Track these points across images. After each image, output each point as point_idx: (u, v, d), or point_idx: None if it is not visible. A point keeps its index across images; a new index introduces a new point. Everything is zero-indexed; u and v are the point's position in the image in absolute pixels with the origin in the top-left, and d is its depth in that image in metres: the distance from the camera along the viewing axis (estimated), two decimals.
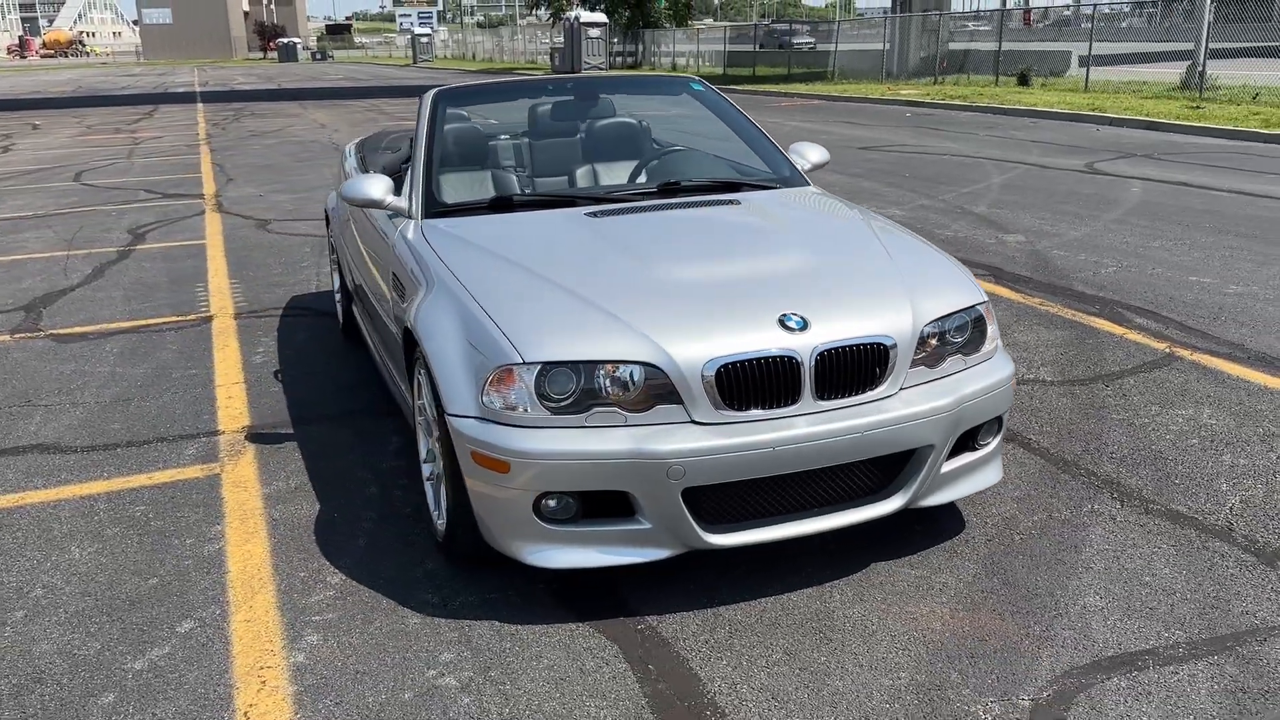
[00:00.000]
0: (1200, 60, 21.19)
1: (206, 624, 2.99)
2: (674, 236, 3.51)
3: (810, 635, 2.83)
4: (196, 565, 3.33)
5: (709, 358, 2.80)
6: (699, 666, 2.71)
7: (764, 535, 2.90)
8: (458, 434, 2.90)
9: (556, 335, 2.87)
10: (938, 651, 2.74)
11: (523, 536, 2.89)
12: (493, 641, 2.86)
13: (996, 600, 2.97)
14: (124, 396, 4.95)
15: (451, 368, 2.95)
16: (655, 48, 45.21)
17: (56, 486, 3.96)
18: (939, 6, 31.36)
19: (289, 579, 3.23)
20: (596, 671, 2.71)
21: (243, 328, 6.07)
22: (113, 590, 3.19)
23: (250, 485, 3.91)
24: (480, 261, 3.34)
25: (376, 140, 5.83)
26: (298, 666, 2.77)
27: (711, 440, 2.76)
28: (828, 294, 3.06)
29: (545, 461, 2.76)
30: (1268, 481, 3.67)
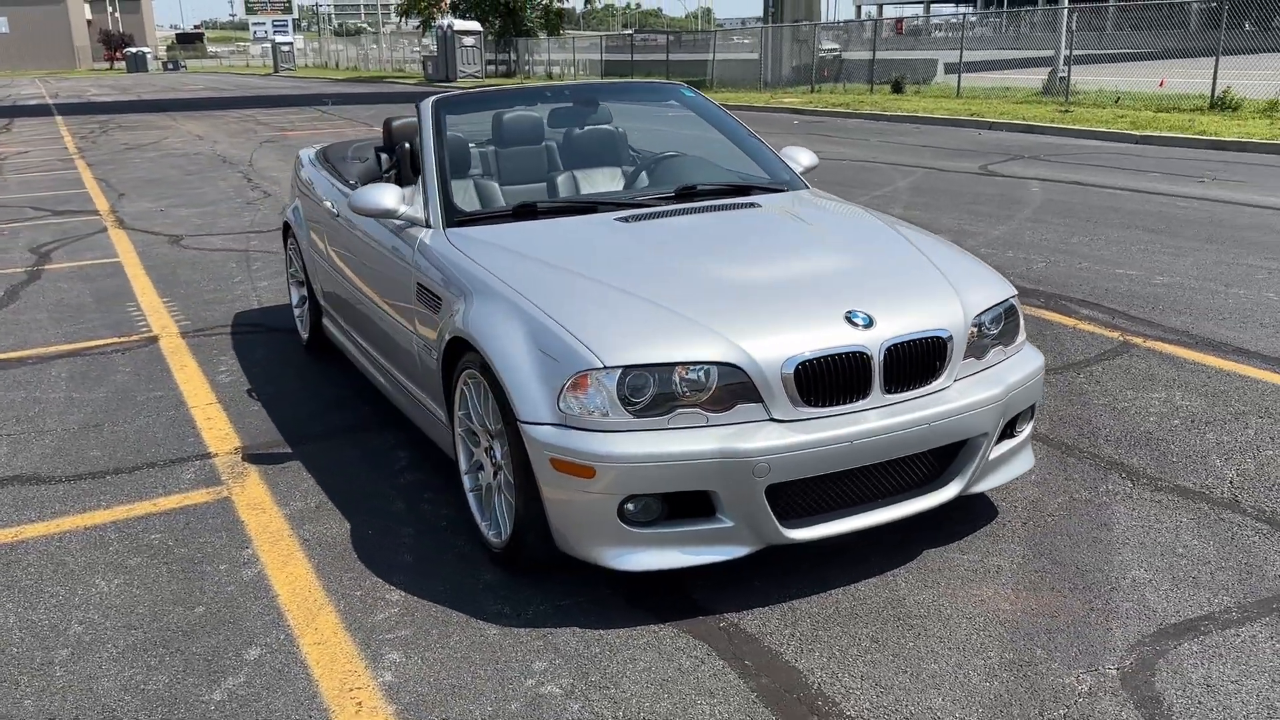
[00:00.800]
0: (1060, 66, 22.39)
1: (275, 649, 2.90)
2: (714, 239, 3.57)
3: (890, 623, 2.92)
4: (241, 591, 3.22)
5: (788, 356, 2.87)
6: (794, 659, 2.77)
7: (838, 528, 2.98)
8: (534, 441, 2.89)
9: (633, 339, 2.89)
10: (1015, 630, 2.86)
11: (605, 541, 2.90)
12: (580, 648, 2.85)
13: (1052, 579, 3.12)
14: (92, 422, 4.72)
15: (522, 375, 2.94)
16: (529, 56, 45.12)
17: (54, 518, 3.76)
18: (809, 16, 32.27)
19: (345, 599, 3.15)
20: (695, 671, 2.73)
21: (194, 347, 5.85)
22: (159, 621, 3.06)
23: (267, 507, 3.79)
24: (527, 268, 3.33)
25: (340, 150, 5.70)
26: (389, 685, 2.72)
27: (793, 437, 2.83)
28: (884, 291, 3.17)
29: (632, 465, 2.78)
30: (1255, 455, 3.94)
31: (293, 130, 20.88)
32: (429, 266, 3.61)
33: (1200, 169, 11.71)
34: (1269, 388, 4.64)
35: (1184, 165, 12.12)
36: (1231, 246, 7.55)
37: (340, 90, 37.50)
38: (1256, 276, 6.63)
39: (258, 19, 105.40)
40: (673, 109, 4.79)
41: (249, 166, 14.67)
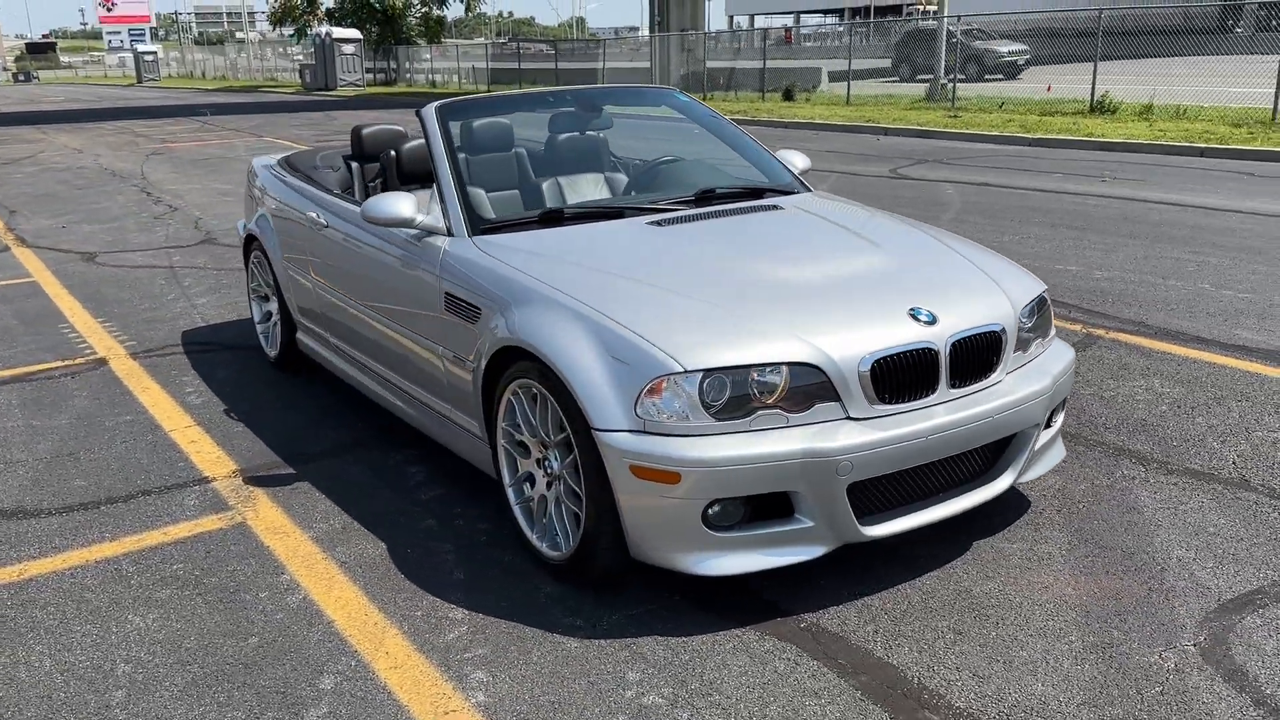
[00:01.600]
0: (940, 74, 23.22)
1: (350, 676, 2.79)
2: (751, 241, 3.58)
3: (965, 614, 2.98)
4: (291, 618, 3.08)
5: (864, 354, 2.90)
6: (885, 655, 2.80)
7: (910, 523, 3.02)
8: (611, 449, 2.84)
9: (708, 342, 2.88)
10: (1086, 614, 2.95)
11: (687, 546, 2.88)
12: (668, 655, 2.83)
13: (1103, 563, 3.22)
14: (65, 451, 4.45)
15: (593, 382, 2.89)
16: (409, 64, 44.48)
17: (56, 553, 3.54)
18: (694, 26, 32.68)
19: (407, 620, 3.05)
20: (793, 673, 2.73)
21: (151, 368, 5.58)
22: (213, 655, 2.91)
23: (289, 530, 3.64)
24: (576, 273, 3.28)
25: (307, 159, 5.51)
26: (486, 706, 2.64)
27: (872, 435, 2.86)
28: (937, 288, 3.23)
29: (719, 468, 2.77)
30: (1246, 437, 4.15)
31: (176, 142, 20.10)
32: (460, 275, 3.52)
33: (1096, 169, 12.27)
34: (1236, 373, 4.89)
35: (1081, 166, 12.68)
36: (1154, 241, 7.93)
37: (215, 100, 36.25)
38: (1186, 269, 6.99)
39: (113, 28, 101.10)
40: (663, 113, 4.79)
41: (143, 180, 14.05)
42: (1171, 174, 11.68)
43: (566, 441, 3.10)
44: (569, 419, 2.98)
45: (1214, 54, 20.63)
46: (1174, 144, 13.63)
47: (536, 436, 3.24)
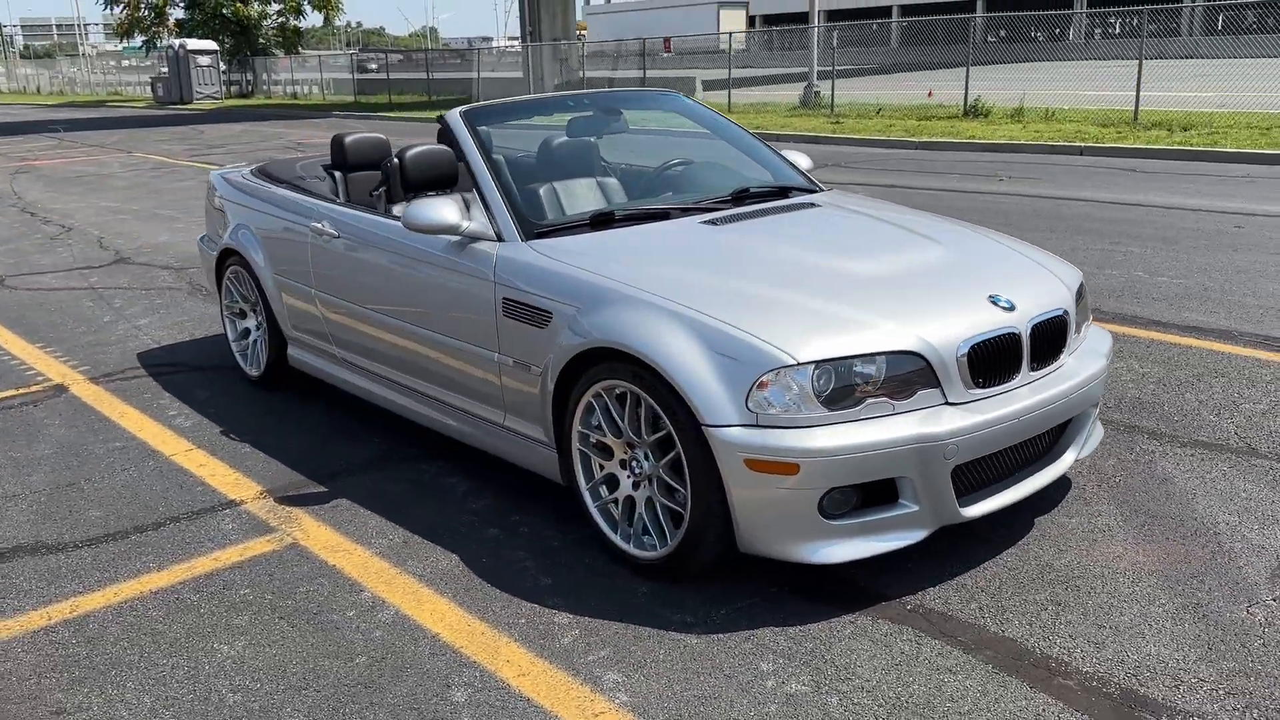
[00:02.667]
0: (814, 81, 23.93)
1: (480, 687, 2.74)
2: (811, 236, 3.66)
3: (1056, 586, 3.12)
4: (391, 635, 3.00)
5: (961, 340, 3.01)
6: (999, 629, 2.91)
7: (999, 503, 3.15)
8: (724, 444, 2.88)
9: (813, 334, 2.94)
10: (1166, 579, 3.13)
11: (802, 536, 2.93)
12: (790, 645, 2.87)
13: (1159, 531, 3.42)
14: (62, 481, 4.21)
15: (701, 379, 2.92)
16: (268, 76, 43.19)
17: (103, 586, 3.35)
18: (566, 36, 32.77)
19: (514, 628, 3.01)
20: (919, 652, 2.82)
21: (119, 392, 5.31)
22: (325, 677, 2.82)
23: (349, 548, 3.54)
24: (654, 273, 3.29)
25: (286, 168, 5.34)
26: (633, 705, 2.64)
27: (973, 418, 2.97)
28: (1004, 276, 3.38)
29: (836, 457, 2.83)
30: (1236, 409, 4.45)
31: (39, 159, 19.02)
32: (522, 280, 3.49)
33: (988, 169, 12.86)
34: (1203, 352, 5.23)
35: (973, 166, 13.27)
36: (1074, 234, 8.38)
37: (63, 116, 34.38)
38: (1115, 259, 7.41)
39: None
40: (668, 115, 4.83)
41: (18, 199, 13.27)
42: (1061, 171, 12.33)
43: (660, 441, 3.11)
44: (671, 417, 3.00)
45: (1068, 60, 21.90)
46: (1056, 144, 14.39)
47: (622, 438, 3.25)
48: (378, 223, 4.20)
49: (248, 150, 19.17)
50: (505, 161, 3.97)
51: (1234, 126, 14.69)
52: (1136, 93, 16.17)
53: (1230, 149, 12.81)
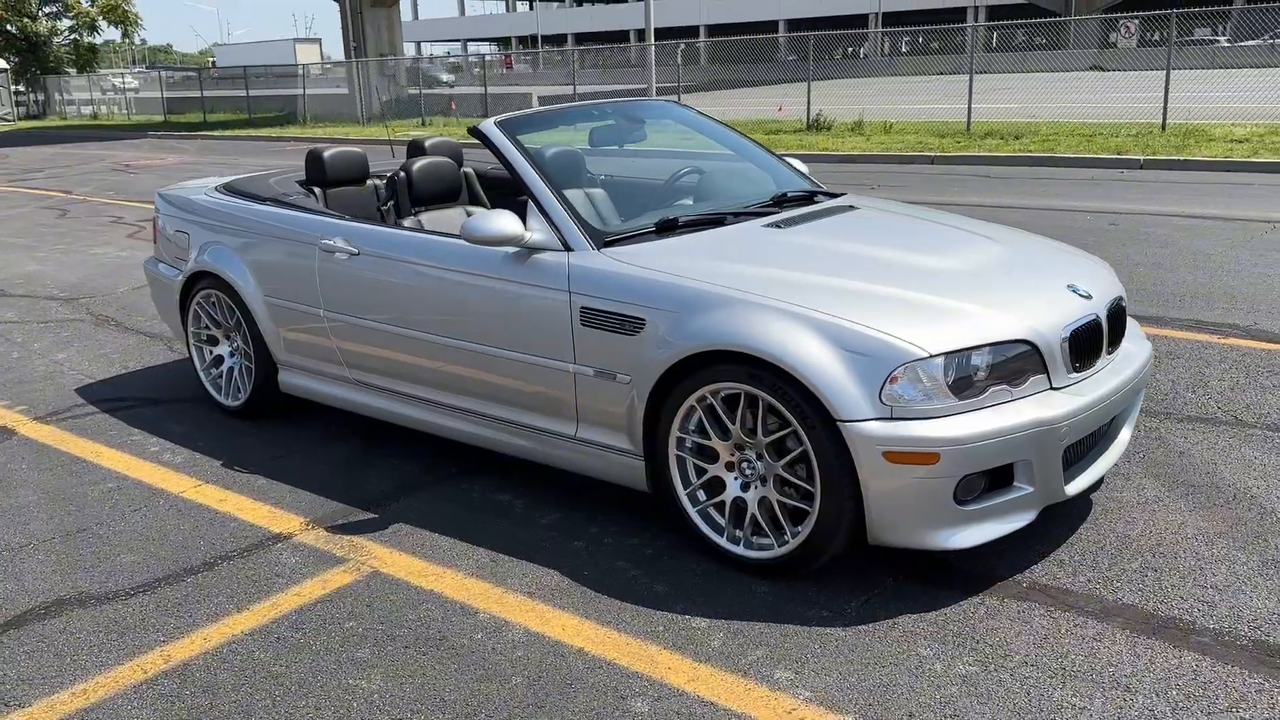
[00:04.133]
0: (652, 95, 24.39)
1: (658, 697, 2.72)
2: (875, 235, 3.80)
3: (1144, 554, 3.34)
4: (533, 653, 2.94)
5: (1062, 326, 3.20)
6: (1115, 598, 3.09)
7: (1089, 479, 3.33)
8: (861, 438, 2.95)
9: (935, 327, 3.06)
10: (1232, 540, 3.40)
11: (937, 524, 3.04)
12: (936, 629, 2.97)
13: (1203, 499, 3.70)
14: (68, 528, 3.89)
15: (833, 376, 2.99)
16: (61, 95, 40.49)
17: (186, 633, 3.13)
18: (394, 51, 32.16)
19: (661, 636, 2.99)
20: (1058, 625, 2.96)
21: (81, 431, 4.93)
22: (491, 702, 2.73)
23: (437, 572, 3.43)
24: (750, 274, 3.32)
25: (260, 184, 5.07)
26: (821, 700, 2.68)
27: (1077, 400, 3.16)
28: (1069, 267, 3.59)
29: (972, 445, 2.96)
30: (1207, 386, 4.85)
31: None
32: (604, 288, 3.46)
33: (858, 179, 13.43)
34: (1188, 344, 5.61)
35: (842, 177, 13.82)
36: None
37: None
38: None
39: None
40: (666, 125, 4.87)
41: None
42: (921, 180, 13.01)
43: (776, 443, 3.16)
44: (798, 415, 3.05)
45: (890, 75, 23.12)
46: (907, 154, 15.17)
47: (729, 440, 3.28)
48: (413, 238, 4.07)
49: (78, 173, 17.94)
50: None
51: (1060, 134, 15.86)
52: (969, 105, 17.22)
53: (1067, 154, 13.84)
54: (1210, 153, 12.98)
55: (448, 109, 27.47)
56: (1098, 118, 17.23)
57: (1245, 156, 12.53)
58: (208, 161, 19.56)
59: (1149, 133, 15.26)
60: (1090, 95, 21.75)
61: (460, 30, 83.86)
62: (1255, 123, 15.52)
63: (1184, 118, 15.81)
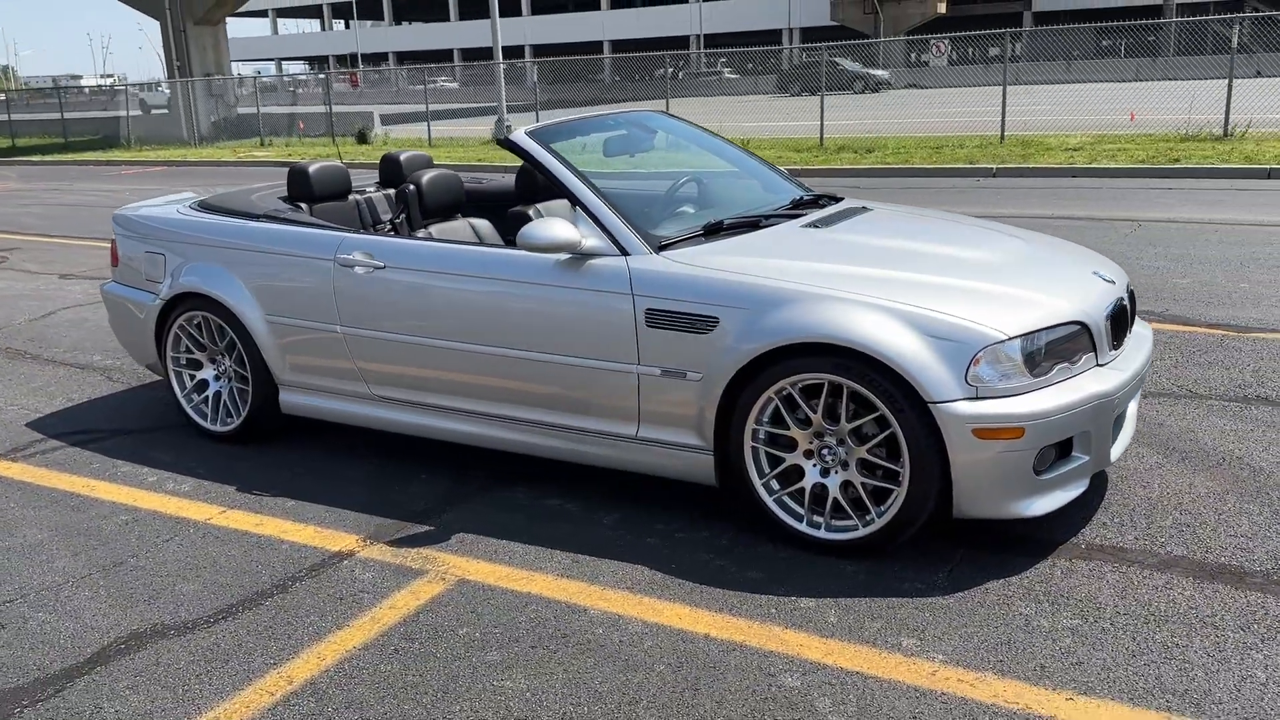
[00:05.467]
0: (504, 115, 24.42)
1: (804, 671, 2.86)
2: (916, 233, 4.05)
3: (1172, 511, 3.69)
4: (672, 642, 3.02)
5: (1103, 308, 3.52)
6: (1167, 550, 3.42)
7: (1123, 445, 3.66)
8: (952, 417, 3.18)
9: (1006, 311, 3.32)
10: (1242, 495, 3.79)
11: (1018, 494, 3.29)
12: (1026, 591, 3.22)
13: (1199, 462, 4.10)
14: (106, 561, 3.72)
15: (922, 362, 3.21)
16: None
17: (292, 656, 3.07)
18: (220, 71, 30.96)
19: (775, 618, 3.13)
20: (1131, 579, 3.25)
21: (57, 465, 4.67)
22: (648, 690, 2.81)
23: (523, 576, 3.46)
24: (815, 270, 3.51)
25: (240, 199, 4.92)
26: (956, 660, 2.87)
27: (1120, 375, 3.48)
28: (1086, 257, 3.93)
29: (1051, 419, 3.23)
30: (1174, 374, 5.34)
31: None
32: (672, 289, 3.56)
33: None
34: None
35: None
36: None
37: None
38: None
39: None
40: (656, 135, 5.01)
41: None
42: None
43: (858, 429, 3.36)
44: (888, 400, 3.25)
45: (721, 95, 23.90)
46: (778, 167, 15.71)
47: (809, 429, 3.45)
48: (449, 249, 4.08)
49: None
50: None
51: (908, 147, 16.80)
52: (821, 121, 18.03)
53: (924, 165, 14.69)
54: (1055, 160, 14.05)
55: (295, 128, 26.65)
56: (938, 131, 18.33)
57: (1086, 163, 13.62)
58: (42, 188, 18.40)
59: (991, 144, 16.35)
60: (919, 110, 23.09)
61: (274, 49, 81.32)
62: (1084, 133, 16.86)
63: (1019, 130, 17.02)
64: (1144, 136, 16.08)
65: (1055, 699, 2.69)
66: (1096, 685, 2.73)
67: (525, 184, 4.93)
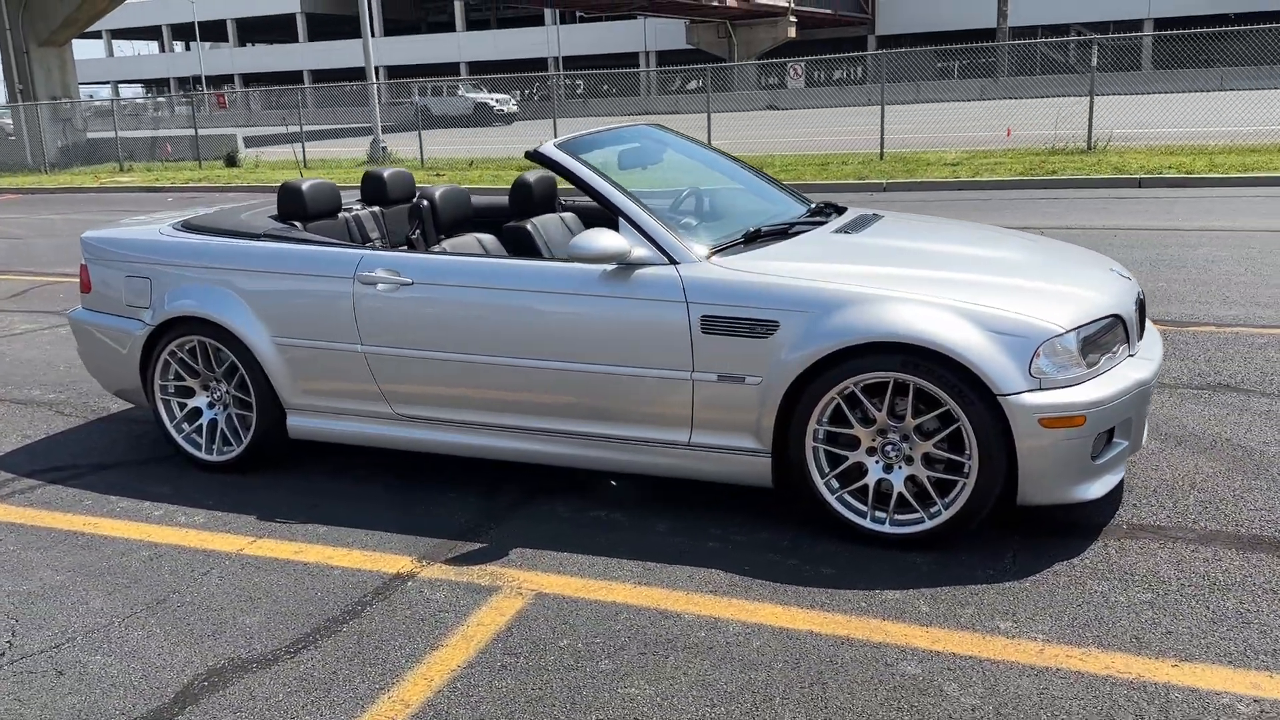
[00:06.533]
0: (379, 136, 24.06)
1: (920, 658, 2.95)
2: (938, 235, 4.23)
3: (1188, 490, 3.94)
4: (771, 642, 3.07)
5: (1130, 302, 3.75)
6: (1201, 526, 3.66)
7: (1145, 430, 3.91)
8: (1019, 408, 3.34)
9: (1057, 307, 3.50)
10: (1245, 474, 4.07)
11: (1078, 479, 3.46)
12: (1091, 570, 3.39)
13: (1197, 446, 4.38)
14: (147, 599, 3.54)
15: (989, 356, 3.36)
16: None
17: (399, 679, 2.99)
18: (66, 95, 29.45)
19: (868, 611, 3.22)
20: (1184, 554, 3.46)
21: (45, 503, 4.41)
22: (775, 686, 2.85)
23: (599, 586, 3.45)
24: (875, 272, 3.63)
25: (229, 219, 4.74)
26: (1059, 638, 3.02)
27: (1153, 363, 3.72)
28: (1095, 254, 4.17)
29: (1107, 406, 3.42)
30: None
31: None
32: (725, 296, 3.63)
33: None
34: None
35: None
36: None
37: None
38: None
39: None
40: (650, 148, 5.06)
41: None
42: None
43: (922, 425, 3.49)
44: (956, 395, 3.38)
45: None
46: None
47: (871, 426, 3.56)
48: (484, 263, 4.04)
49: None
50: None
51: (797, 165, 17.29)
52: (708, 139, 18.38)
53: (817, 181, 15.14)
54: (939, 175, 14.71)
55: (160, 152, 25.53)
56: (819, 149, 18.93)
57: (971, 176, 14.31)
58: None
59: (872, 160, 16.99)
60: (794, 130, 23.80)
61: (109, 72, 77.71)
62: (958, 149, 17.69)
63: (896, 147, 17.74)
64: (1015, 151, 16.99)
65: (1162, 666, 2.85)
66: (1193, 651, 2.91)
67: (520, 199, 4.92)
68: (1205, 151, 15.26)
